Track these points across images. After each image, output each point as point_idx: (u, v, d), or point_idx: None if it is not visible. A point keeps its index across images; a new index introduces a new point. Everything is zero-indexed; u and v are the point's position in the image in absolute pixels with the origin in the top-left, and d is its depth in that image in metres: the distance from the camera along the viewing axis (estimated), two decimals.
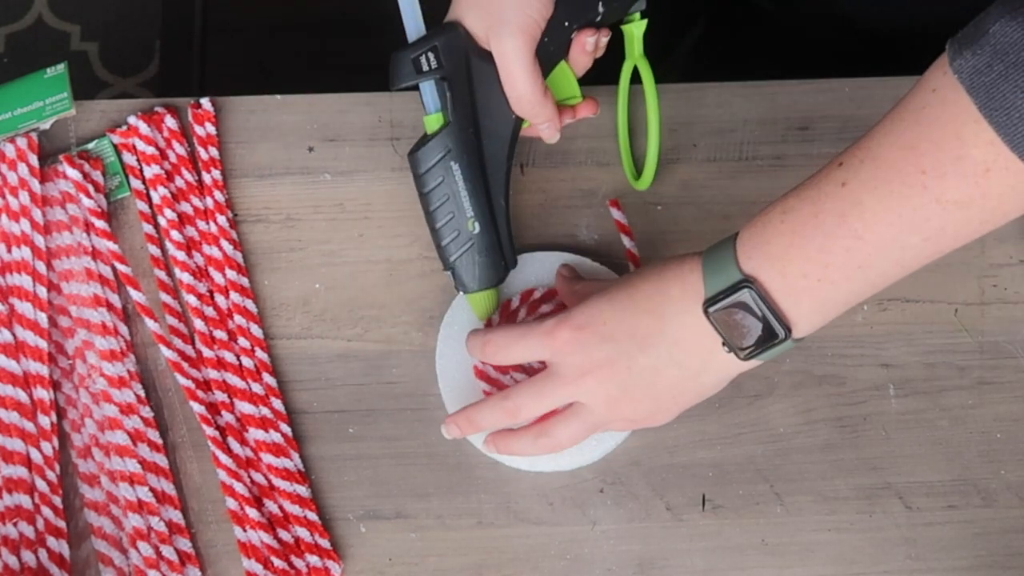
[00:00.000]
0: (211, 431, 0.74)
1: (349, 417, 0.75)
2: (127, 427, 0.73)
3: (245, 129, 0.81)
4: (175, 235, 0.78)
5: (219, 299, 0.77)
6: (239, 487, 0.72)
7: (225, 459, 0.73)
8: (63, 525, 0.72)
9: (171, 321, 0.76)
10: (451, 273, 0.75)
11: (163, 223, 0.78)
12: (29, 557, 0.70)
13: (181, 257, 0.77)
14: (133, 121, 0.80)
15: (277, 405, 0.75)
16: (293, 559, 0.72)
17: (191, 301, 0.76)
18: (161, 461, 0.73)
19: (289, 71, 1.61)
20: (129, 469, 0.72)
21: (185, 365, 0.75)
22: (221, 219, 0.78)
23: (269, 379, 0.75)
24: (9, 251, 0.76)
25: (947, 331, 0.77)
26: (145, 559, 0.70)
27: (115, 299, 0.76)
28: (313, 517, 0.73)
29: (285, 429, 0.74)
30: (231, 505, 0.72)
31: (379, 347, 0.77)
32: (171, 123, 0.80)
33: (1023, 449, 0.75)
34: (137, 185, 0.79)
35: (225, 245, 0.78)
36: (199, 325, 0.76)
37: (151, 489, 0.72)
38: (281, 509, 0.73)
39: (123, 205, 0.79)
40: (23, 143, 0.78)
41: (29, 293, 0.75)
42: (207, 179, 0.79)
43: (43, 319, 0.75)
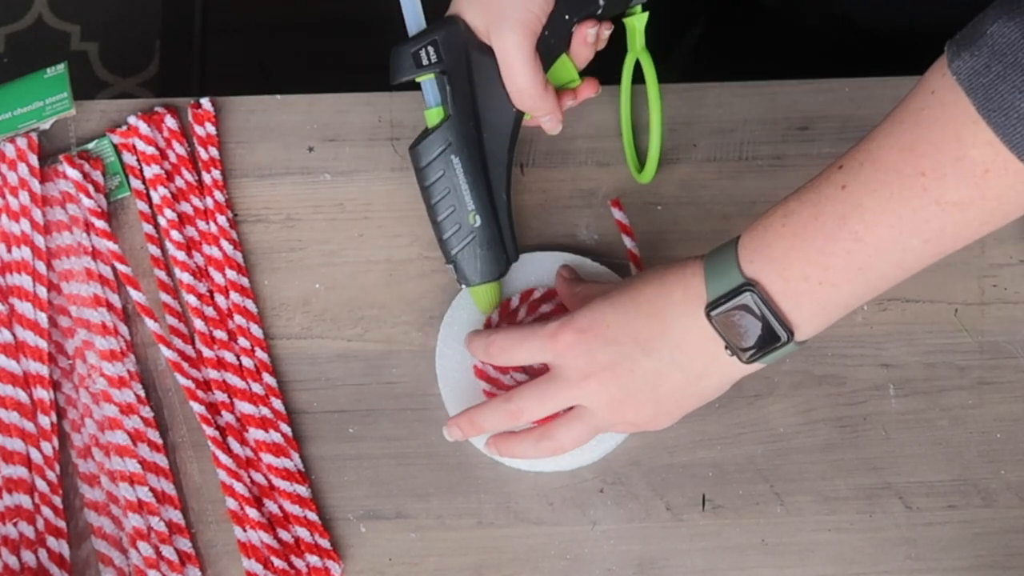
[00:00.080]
0: (211, 431, 0.74)
1: (349, 417, 0.75)
2: (127, 427, 0.73)
3: (245, 129, 0.81)
4: (175, 235, 0.78)
5: (219, 299, 0.77)
6: (239, 487, 0.72)
7: (225, 459, 0.73)
8: (63, 525, 0.72)
9: (171, 321, 0.76)
10: (453, 266, 0.75)
11: (163, 223, 0.78)
12: (29, 557, 0.70)
13: (181, 257, 0.77)
14: (133, 121, 0.80)
15: (277, 405, 0.75)
16: (293, 559, 0.72)
17: (191, 301, 0.76)
18: (161, 461, 0.73)
19: (289, 71, 1.61)
20: (129, 469, 0.72)
21: (185, 365, 0.75)
22: (221, 219, 0.78)
23: (269, 379, 0.75)
24: (9, 251, 0.76)
25: (947, 331, 0.77)
26: (145, 559, 0.70)
27: (115, 299, 0.76)
28: (313, 517, 0.73)
29: (285, 429, 0.74)
30: (231, 505, 0.72)
31: (379, 347, 0.77)
32: (171, 123, 0.80)
33: (1023, 449, 0.75)
34: (137, 185, 0.79)
35: (225, 245, 0.78)
36: (199, 325, 0.76)
37: (151, 489, 0.72)
38: (281, 509, 0.73)
39: (123, 205, 0.79)
40: (23, 143, 0.78)
41: (29, 293, 0.75)
42: (207, 179, 0.79)
43: (43, 319, 0.75)
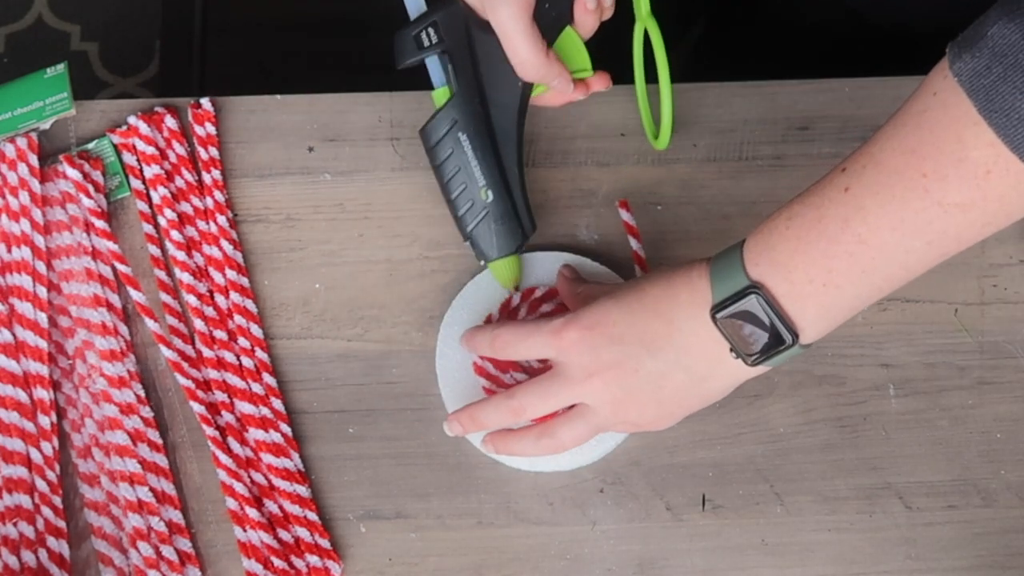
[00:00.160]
0: (211, 431, 0.74)
1: (349, 417, 0.75)
2: (127, 427, 0.73)
3: (245, 129, 0.81)
4: (175, 235, 0.78)
5: (219, 299, 0.77)
6: (239, 487, 0.72)
7: (225, 459, 0.73)
8: (63, 525, 0.72)
9: (171, 321, 0.76)
10: (470, 244, 0.75)
11: (163, 223, 0.78)
12: (29, 557, 0.70)
13: (181, 257, 0.77)
14: (133, 121, 0.80)
15: (277, 405, 0.75)
16: (293, 559, 0.72)
17: (191, 301, 0.76)
18: (161, 461, 0.73)
19: (289, 71, 1.61)
20: (129, 469, 0.72)
21: (185, 365, 0.75)
22: (221, 219, 0.78)
23: (269, 379, 0.75)
24: (9, 251, 0.76)
25: (947, 331, 0.77)
26: (145, 559, 0.70)
27: (115, 299, 0.76)
28: (313, 517, 0.73)
29: (285, 429, 0.74)
30: (231, 505, 0.72)
31: (379, 347, 0.77)
32: (171, 123, 0.80)
33: (1023, 449, 0.75)
34: (137, 185, 0.79)
35: (225, 245, 0.78)
36: (199, 325, 0.76)
37: (151, 489, 0.72)
38: (281, 509, 0.73)
39: (123, 205, 0.79)
40: (23, 143, 0.78)
41: (29, 293, 0.75)
42: (207, 179, 0.79)
43: (43, 319, 0.75)
